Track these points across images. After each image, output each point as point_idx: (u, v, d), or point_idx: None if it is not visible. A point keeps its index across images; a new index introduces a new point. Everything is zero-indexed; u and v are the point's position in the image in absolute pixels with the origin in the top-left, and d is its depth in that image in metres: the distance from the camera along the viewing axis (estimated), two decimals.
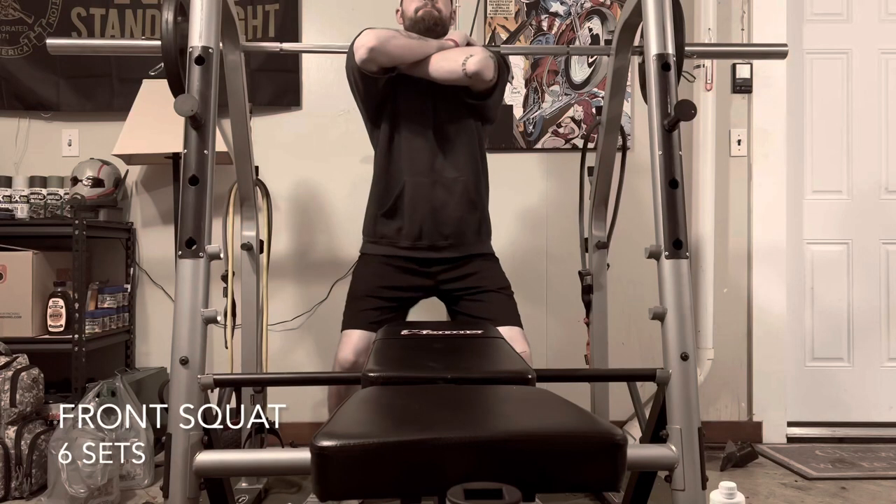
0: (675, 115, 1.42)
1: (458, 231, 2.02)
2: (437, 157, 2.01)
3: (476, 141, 2.08)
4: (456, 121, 2.03)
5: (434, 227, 2.00)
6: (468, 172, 2.04)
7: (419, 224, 2.00)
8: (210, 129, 1.40)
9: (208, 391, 1.39)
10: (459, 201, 2.02)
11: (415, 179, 2.00)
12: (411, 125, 2.02)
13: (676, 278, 1.43)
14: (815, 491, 2.32)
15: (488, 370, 1.36)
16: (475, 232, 2.07)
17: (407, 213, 2.01)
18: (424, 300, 2.16)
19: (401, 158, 2.02)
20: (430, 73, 1.94)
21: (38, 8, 2.83)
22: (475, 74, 1.90)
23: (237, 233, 2.30)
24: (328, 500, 0.93)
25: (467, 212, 2.03)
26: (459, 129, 2.03)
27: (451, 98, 2.01)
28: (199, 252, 1.36)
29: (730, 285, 2.89)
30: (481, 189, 2.09)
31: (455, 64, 1.91)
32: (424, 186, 2.00)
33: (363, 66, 1.90)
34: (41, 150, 2.89)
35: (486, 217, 2.12)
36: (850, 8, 2.98)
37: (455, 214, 2.01)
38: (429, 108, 2.02)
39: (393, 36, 1.89)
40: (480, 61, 1.89)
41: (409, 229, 2.01)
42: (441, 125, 2.02)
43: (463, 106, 2.02)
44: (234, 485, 2.21)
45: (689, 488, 1.34)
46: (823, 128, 2.98)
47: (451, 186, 2.01)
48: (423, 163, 2.01)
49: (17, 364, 2.28)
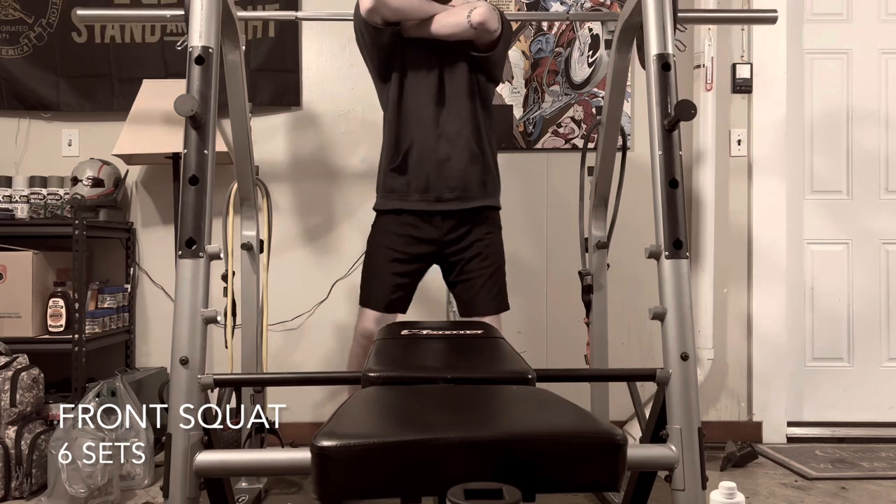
0: (675, 115, 1.43)
1: (463, 184, 2.10)
2: (441, 112, 2.09)
3: (479, 98, 2.14)
4: (461, 78, 2.10)
5: (440, 180, 2.08)
6: (471, 127, 2.11)
7: (426, 177, 2.09)
8: (210, 129, 1.40)
9: (208, 391, 1.39)
10: (462, 154, 2.09)
11: (421, 134, 2.09)
12: (418, 82, 2.10)
13: (676, 278, 1.43)
14: (815, 491, 2.32)
15: (488, 370, 1.36)
16: (479, 184, 2.12)
17: (414, 167, 2.10)
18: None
19: (408, 115, 2.10)
20: (437, 30, 2.04)
21: (38, 8, 2.83)
22: (480, 25, 1.99)
23: (237, 233, 2.31)
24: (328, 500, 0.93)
25: (470, 164, 2.10)
26: (464, 87, 2.11)
27: (456, 56, 2.09)
28: (199, 252, 1.36)
29: (730, 285, 2.89)
30: (483, 143, 2.15)
31: (460, 17, 2.01)
32: (430, 141, 2.08)
33: (368, 17, 2.01)
34: (41, 150, 2.89)
35: (489, 169, 2.16)
36: (850, 8, 2.98)
37: (458, 167, 2.09)
38: (434, 65, 2.10)
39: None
40: (485, 13, 1.99)
41: (416, 183, 2.09)
42: (446, 82, 2.10)
43: (468, 64, 2.10)
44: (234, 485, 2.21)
45: (689, 488, 1.34)
46: (823, 128, 2.98)
47: (454, 140, 2.09)
48: (429, 118, 2.09)
49: (17, 364, 2.28)
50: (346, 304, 2.81)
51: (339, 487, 0.92)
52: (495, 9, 2.05)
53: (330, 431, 0.96)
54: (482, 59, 2.10)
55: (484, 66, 2.12)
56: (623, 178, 2.25)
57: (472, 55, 2.08)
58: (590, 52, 2.88)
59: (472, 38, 2.04)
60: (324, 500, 0.93)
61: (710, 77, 2.75)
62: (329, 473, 0.92)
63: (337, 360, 2.82)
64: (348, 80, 2.86)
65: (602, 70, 2.87)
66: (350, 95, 2.86)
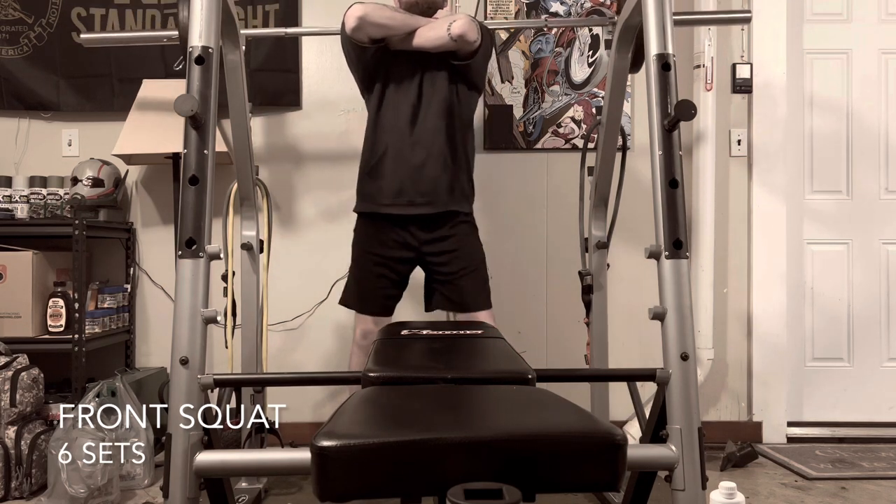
0: (675, 115, 1.42)
1: (434, 189, 2.15)
2: (418, 121, 2.16)
3: (456, 109, 2.19)
4: (440, 88, 2.16)
5: (413, 185, 2.14)
6: (446, 135, 2.16)
7: (399, 182, 2.15)
8: (210, 129, 1.40)
9: (208, 391, 1.39)
10: (436, 161, 2.15)
11: (396, 140, 2.16)
12: (398, 91, 2.17)
13: (676, 278, 1.43)
14: (815, 491, 2.32)
15: (488, 370, 1.36)
16: (448, 190, 2.17)
17: (388, 172, 2.16)
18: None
19: (386, 122, 2.18)
20: (419, 43, 2.11)
21: (38, 8, 2.83)
22: (460, 37, 2.06)
23: (237, 233, 2.31)
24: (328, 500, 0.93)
25: (442, 171, 2.16)
26: (443, 96, 2.16)
27: (437, 66, 2.15)
28: (199, 252, 1.36)
29: (730, 285, 2.89)
30: (458, 152, 2.19)
31: (441, 31, 2.08)
32: (405, 147, 2.15)
33: (353, 35, 2.09)
34: (41, 150, 2.89)
35: (458, 177, 2.20)
36: (850, 8, 2.98)
37: (431, 174, 2.15)
38: (416, 75, 2.16)
39: (380, 8, 2.08)
40: (464, 24, 2.06)
41: (389, 187, 2.16)
42: (425, 92, 2.16)
43: (448, 74, 2.16)
44: (234, 485, 2.21)
45: (689, 488, 1.34)
46: (823, 128, 2.98)
47: (429, 147, 2.15)
48: (405, 126, 2.15)
49: (17, 364, 2.28)
50: None
51: (339, 487, 0.92)
52: (474, 20, 2.11)
53: (330, 431, 0.96)
54: (462, 68, 2.16)
55: (465, 74, 2.18)
56: (623, 178, 2.25)
57: (453, 64, 2.15)
58: (590, 53, 2.88)
59: (453, 49, 2.10)
60: (324, 500, 0.93)
61: (710, 77, 2.75)
62: (329, 473, 0.92)
63: (337, 360, 2.82)
64: (348, 80, 2.82)
65: (602, 70, 2.87)
66: (350, 95, 2.84)
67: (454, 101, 2.18)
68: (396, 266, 2.21)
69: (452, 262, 2.18)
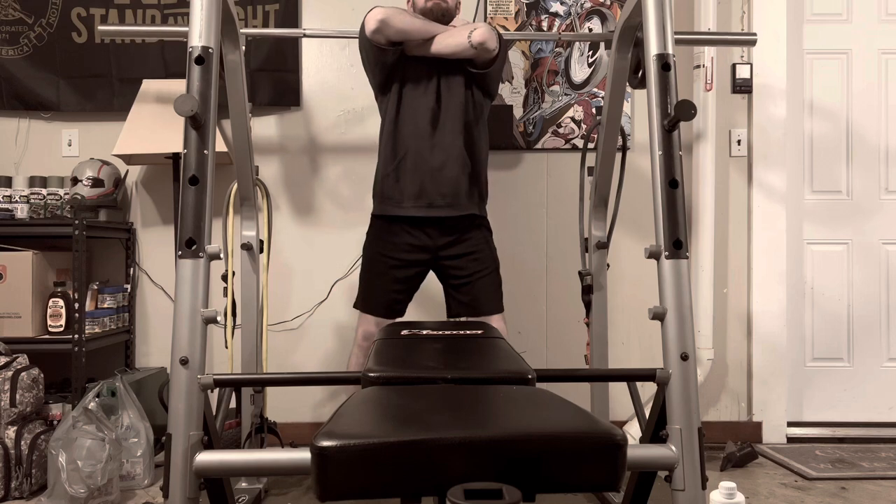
0: (675, 115, 1.43)
1: (454, 192, 2.16)
2: (437, 124, 2.16)
3: (473, 113, 2.21)
4: (457, 94, 2.17)
5: (433, 187, 2.15)
6: (464, 139, 2.17)
7: (419, 184, 2.15)
8: (210, 129, 1.40)
9: (208, 391, 1.39)
10: (455, 164, 2.16)
11: (417, 144, 2.15)
12: (416, 96, 2.17)
13: (676, 278, 1.43)
14: (815, 491, 2.32)
15: (488, 370, 1.36)
16: (469, 193, 2.19)
17: (408, 174, 2.16)
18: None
19: (405, 126, 2.18)
20: (438, 49, 2.12)
21: (38, 8, 2.83)
22: (480, 45, 2.07)
23: (237, 233, 2.31)
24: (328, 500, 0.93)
25: (462, 174, 2.17)
26: (460, 101, 2.18)
27: (454, 72, 2.17)
28: (199, 252, 1.36)
29: (730, 285, 2.89)
30: (476, 155, 2.21)
31: (461, 38, 2.09)
32: (425, 150, 2.15)
33: (372, 37, 2.08)
34: (41, 150, 2.89)
35: (478, 181, 2.23)
36: (850, 8, 2.98)
37: (451, 175, 2.15)
38: (433, 81, 2.17)
39: (401, 13, 2.10)
40: (484, 33, 2.08)
41: (410, 189, 2.16)
42: (443, 97, 2.17)
43: (464, 80, 2.17)
44: (234, 485, 2.21)
45: (689, 488, 1.34)
46: (823, 128, 2.99)
47: (448, 150, 2.15)
48: (425, 129, 2.15)
49: (17, 364, 2.28)
50: (345, 304, 2.80)
51: (339, 487, 0.92)
52: (494, 29, 2.13)
53: (330, 431, 0.96)
54: (479, 76, 2.17)
55: (480, 82, 2.19)
56: (623, 178, 2.25)
57: (470, 72, 2.16)
58: (590, 53, 2.88)
59: (471, 56, 2.11)
60: (324, 500, 0.93)
61: (710, 77, 2.75)
62: (329, 473, 0.92)
63: (337, 361, 2.82)
64: (348, 80, 2.86)
65: (602, 70, 2.87)
66: (350, 95, 2.86)
67: (470, 105, 2.19)
68: (409, 269, 2.20)
69: (468, 265, 2.19)
